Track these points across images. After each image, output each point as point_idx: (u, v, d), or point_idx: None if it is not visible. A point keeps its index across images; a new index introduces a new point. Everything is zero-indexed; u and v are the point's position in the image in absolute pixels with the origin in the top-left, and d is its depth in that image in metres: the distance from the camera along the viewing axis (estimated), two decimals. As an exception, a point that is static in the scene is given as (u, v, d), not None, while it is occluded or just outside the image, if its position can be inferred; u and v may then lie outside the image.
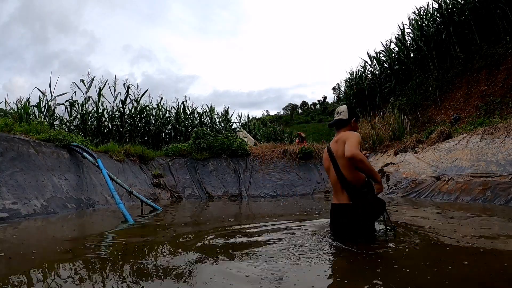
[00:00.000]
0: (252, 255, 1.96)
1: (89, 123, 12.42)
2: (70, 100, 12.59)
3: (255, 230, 2.97)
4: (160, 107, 14.95)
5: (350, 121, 2.31)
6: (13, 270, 1.82)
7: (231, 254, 2.03)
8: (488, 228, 2.66)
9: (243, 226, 3.35)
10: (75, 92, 12.67)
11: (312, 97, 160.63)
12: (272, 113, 66.27)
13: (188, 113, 15.58)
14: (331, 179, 2.26)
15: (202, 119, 15.91)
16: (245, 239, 2.55)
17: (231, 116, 17.72)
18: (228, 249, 2.16)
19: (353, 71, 18.13)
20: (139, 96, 14.05)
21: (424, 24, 13.96)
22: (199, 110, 16.57)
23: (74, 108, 12.69)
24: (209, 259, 1.91)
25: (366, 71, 17.43)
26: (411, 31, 14.85)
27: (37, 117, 11.12)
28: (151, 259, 2.00)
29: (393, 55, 15.56)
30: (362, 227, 2.13)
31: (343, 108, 2.36)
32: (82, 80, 12.69)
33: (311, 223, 3.05)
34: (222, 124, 16.59)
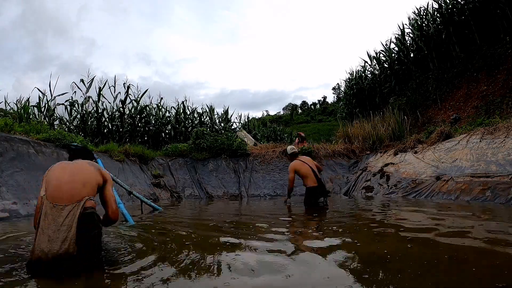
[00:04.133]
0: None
1: (89, 123, 12.40)
2: (70, 100, 12.57)
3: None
4: (160, 107, 14.94)
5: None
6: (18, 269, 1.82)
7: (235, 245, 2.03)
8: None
9: (246, 222, 3.35)
10: (75, 92, 12.64)
11: (312, 98, 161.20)
12: (272, 113, 66.46)
13: (188, 113, 15.56)
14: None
15: (202, 119, 15.89)
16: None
17: (231, 116, 17.72)
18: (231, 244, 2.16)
19: (353, 71, 18.12)
20: (139, 96, 14.03)
21: (424, 24, 13.96)
22: (199, 110, 16.59)
23: (74, 108, 12.67)
24: (213, 253, 1.91)
25: (366, 71, 17.41)
26: (411, 31, 14.84)
27: (37, 117, 11.10)
28: (152, 260, 2.00)
29: (393, 55, 15.55)
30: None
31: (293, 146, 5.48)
32: (82, 80, 12.67)
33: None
34: (222, 124, 16.58)
